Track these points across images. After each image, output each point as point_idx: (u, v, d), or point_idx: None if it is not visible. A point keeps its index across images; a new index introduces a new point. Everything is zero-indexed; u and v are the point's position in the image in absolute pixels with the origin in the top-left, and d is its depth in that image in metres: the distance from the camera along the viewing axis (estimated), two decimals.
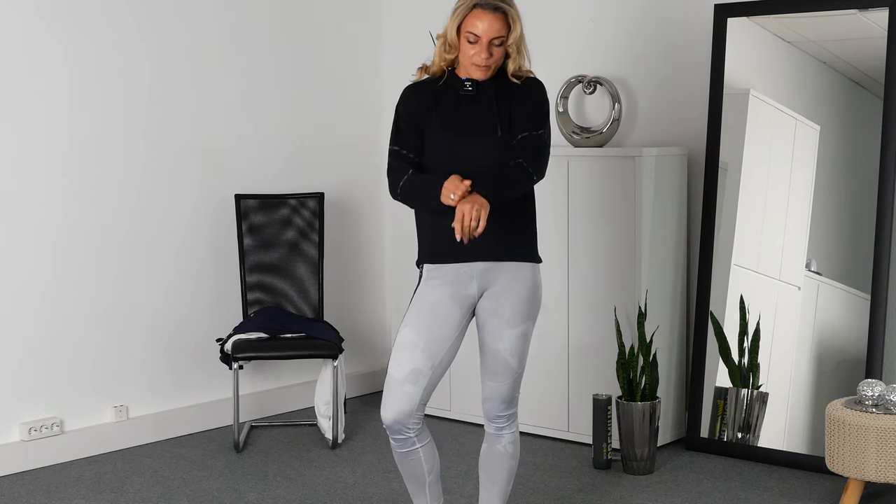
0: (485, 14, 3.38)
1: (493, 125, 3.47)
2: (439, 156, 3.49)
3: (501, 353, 3.53)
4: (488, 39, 3.39)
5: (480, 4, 3.38)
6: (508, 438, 3.64)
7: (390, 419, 3.49)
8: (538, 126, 3.48)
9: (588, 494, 4.49)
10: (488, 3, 3.38)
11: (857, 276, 4.64)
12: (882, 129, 4.56)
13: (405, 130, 3.52)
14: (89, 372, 5.07)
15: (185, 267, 5.38)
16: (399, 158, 3.51)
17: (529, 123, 3.47)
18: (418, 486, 3.64)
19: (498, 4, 3.38)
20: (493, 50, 3.41)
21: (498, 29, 3.39)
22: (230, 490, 4.57)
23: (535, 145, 3.45)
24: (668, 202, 4.99)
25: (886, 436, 4.04)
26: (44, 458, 4.90)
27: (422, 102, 3.52)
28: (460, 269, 3.51)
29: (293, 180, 5.74)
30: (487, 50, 3.40)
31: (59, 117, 4.94)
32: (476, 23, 3.38)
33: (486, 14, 3.38)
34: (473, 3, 3.39)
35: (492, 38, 3.39)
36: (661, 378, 4.94)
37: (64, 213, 4.96)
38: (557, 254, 5.06)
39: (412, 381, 3.47)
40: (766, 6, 4.87)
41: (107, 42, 5.07)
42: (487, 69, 3.44)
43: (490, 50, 3.41)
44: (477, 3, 3.38)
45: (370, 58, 6.13)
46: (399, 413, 3.47)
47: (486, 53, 3.40)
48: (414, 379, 3.47)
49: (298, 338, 5.19)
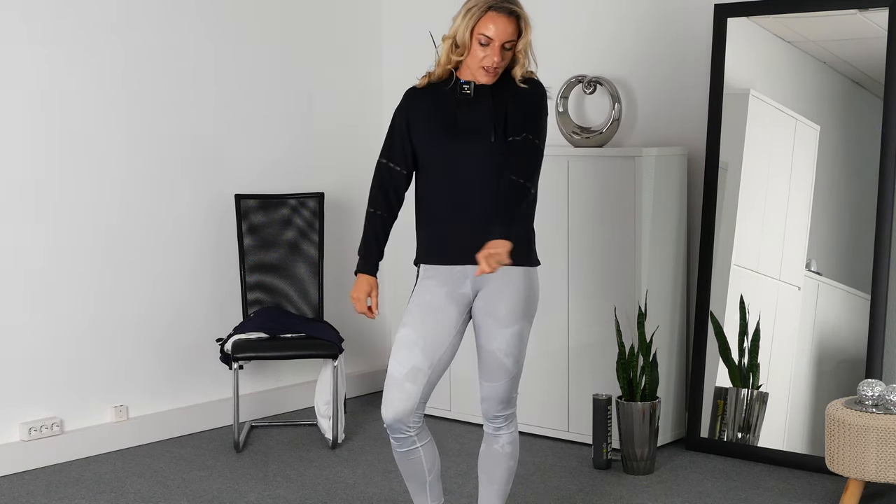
0: (499, 17, 3.38)
1: (487, 130, 3.48)
2: (435, 156, 3.52)
3: (496, 354, 3.54)
4: (501, 43, 3.40)
5: (495, 7, 3.38)
6: (507, 438, 3.65)
7: (391, 418, 3.50)
8: (536, 129, 3.48)
9: (588, 494, 4.49)
10: (503, 7, 3.38)
11: (857, 276, 4.64)
12: (882, 129, 4.56)
13: (398, 142, 3.57)
14: (89, 372, 5.07)
15: (186, 267, 5.38)
16: (383, 173, 3.59)
17: (528, 124, 3.47)
18: (419, 486, 3.65)
19: (512, 8, 3.39)
20: (504, 53, 3.42)
21: (511, 33, 3.39)
22: (230, 490, 4.57)
23: (532, 155, 3.45)
24: (668, 202, 4.99)
25: (886, 436, 4.04)
26: (44, 458, 4.90)
27: (421, 105, 3.54)
28: (454, 270, 3.53)
29: (293, 180, 5.74)
30: (500, 53, 3.41)
31: (60, 118, 4.94)
32: (490, 25, 3.38)
33: (501, 17, 3.38)
34: (488, 6, 3.39)
35: (504, 42, 3.40)
36: (661, 378, 4.94)
37: (63, 213, 4.96)
38: (557, 254, 5.06)
39: (412, 379, 3.48)
40: (766, 6, 4.87)
41: (107, 42, 5.07)
42: (496, 73, 3.45)
43: (501, 53, 3.41)
44: (492, 6, 3.38)
45: (370, 58, 6.14)
46: (399, 412, 3.49)
47: (497, 56, 3.40)
48: (413, 377, 3.48)
49: (298, 338, 5.19)
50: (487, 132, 3.47)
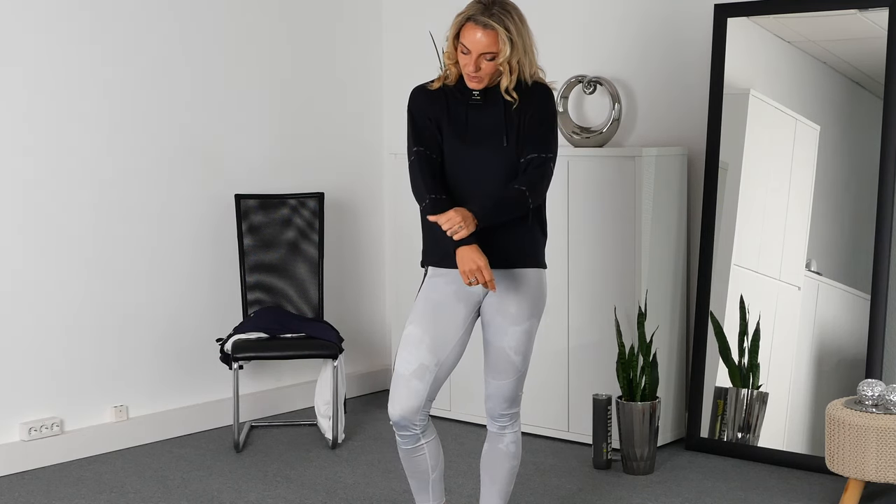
0: (476, 29, 3.41)
1: (499, 135, 3.49)
2: (449, 163, 3.53)
3: (506, 351, 3.55)
4: (478, 53, 3.42)
5: (473, 18, 3.42)
6: (510, 438, 3.66)
7: (397, 415, 3.51)
8: (546, 145, 3.51)
9: (588, 494, 4.49)
10: (479, 19, 3.41)
11: (857, 275, 4.64)
12: (882, 129, 4.56)
13: (423, 129, 3.54)
14: (89, 372, 5.07)
15: (186, 267, 5.38)
16: (422, 160, 3.52)
17: (539, 144, 3.50)
18: (421, 484, 3.65)
19: (488, 22, 3.40)
20: (483, 64, 3.44)
21: (487, 45, 3.41)
22: (230, 490, 4.57)
23: (541, 172, 3.48)
24: (668, 202, 4.99)
25: (886, 436, 4.04)
26: (44, 458, 4.90)
27: (433, 104, 3.55)
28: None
29: (293, 180, 5.74)
30: (475, 63, 3.43)
31: (58, 119, 4.94)
32: (468, 35, 3.42)
33: (477, 29, 3.41)
34: (468, 17, 3.43)
35: (481, 53, 3.42)
36: (661, 378, 4.94)
37: (63, 213, 4.96)
38: (557, 253, 5.06)
39: (419, 376, 3.49)
40: (766, 6, 4.87)
41: (107, 42, 5.07)
42: (479, 81, 3.47)
43: (478, 63, 3.44)
44: (470, 17, 3.42)
45: (370, 58, 6.14)
46: (406, 409, 3.50)
47: (473, 66, 3.44)
48: (420, 375, 3.49)
49: (298, 338, 5.19)
50: (499, 136, 3.50)
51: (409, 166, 3.57)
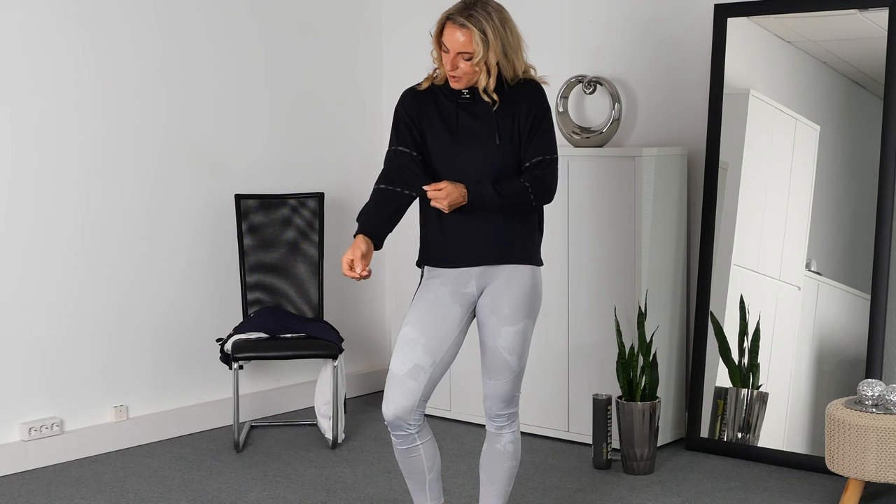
0: (454, 28, 3.43)
1: (491, 133, 3.50)
2: (441, 163, 3.54)
3: (500, 351, 3.55)
4: (455, 53, 3.44)
5: (450, 17, 3.44)
6: (509, 438, 3.66)
7: (391, 415, 3.51)
8: (549, 146, 3.53)
9: (588, 494, 4.49)
10: (457, 19, 3.43)
11: (857, 276, 4.64)
12: (882, 129, 4.56)
13: (405, 130, 3.57)
14: (89, 372, 5.07)
15: (186, 267, 5.38)
16: (396, 158, 3.55)
17: (542, 146, 3.52)
18: (419, 484, 3.65)
19: (464, 22, 3.41)
20: (461, 63, 3.45)
21: (463, 44, 3.42)
22: (230, 490, 4.58)
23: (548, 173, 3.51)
24: (668, 202, 4.99)
25: (886, 436, 4.04)
26: (44, 458, 4.90)
27: (421, 106, 3.56)
28: (459, 271, 3.56)
29: (293, 180, 5.74)
30: (452, 63, 3.45)
31: (58, 119, 4.94)
32: (447, 34, 3.45)
33: (455, 28, 3.43)
34: (447, 16, 3.45)
35: (458, 52, 3.44)
36: (661, 378, 4.94)
37: (63, 213, 4.96)
38: (557, 254, 5.06)
39: (413, 377, 3.49)
40: (766, 6, 4.87)
41: (106, 42, 5.07)
42: (457, 80, 3.48)
43: (455, 62, 3.45)
44: (449, 16, 3.45)
45: (370, 58, 6.14)
46: (400, 409, 3.50)
47: (450, 66, 3.46)
48: (415, 375, 3.49)
49: (298, 338, 5.19)
50: (491, 134, 3.50)
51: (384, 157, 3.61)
